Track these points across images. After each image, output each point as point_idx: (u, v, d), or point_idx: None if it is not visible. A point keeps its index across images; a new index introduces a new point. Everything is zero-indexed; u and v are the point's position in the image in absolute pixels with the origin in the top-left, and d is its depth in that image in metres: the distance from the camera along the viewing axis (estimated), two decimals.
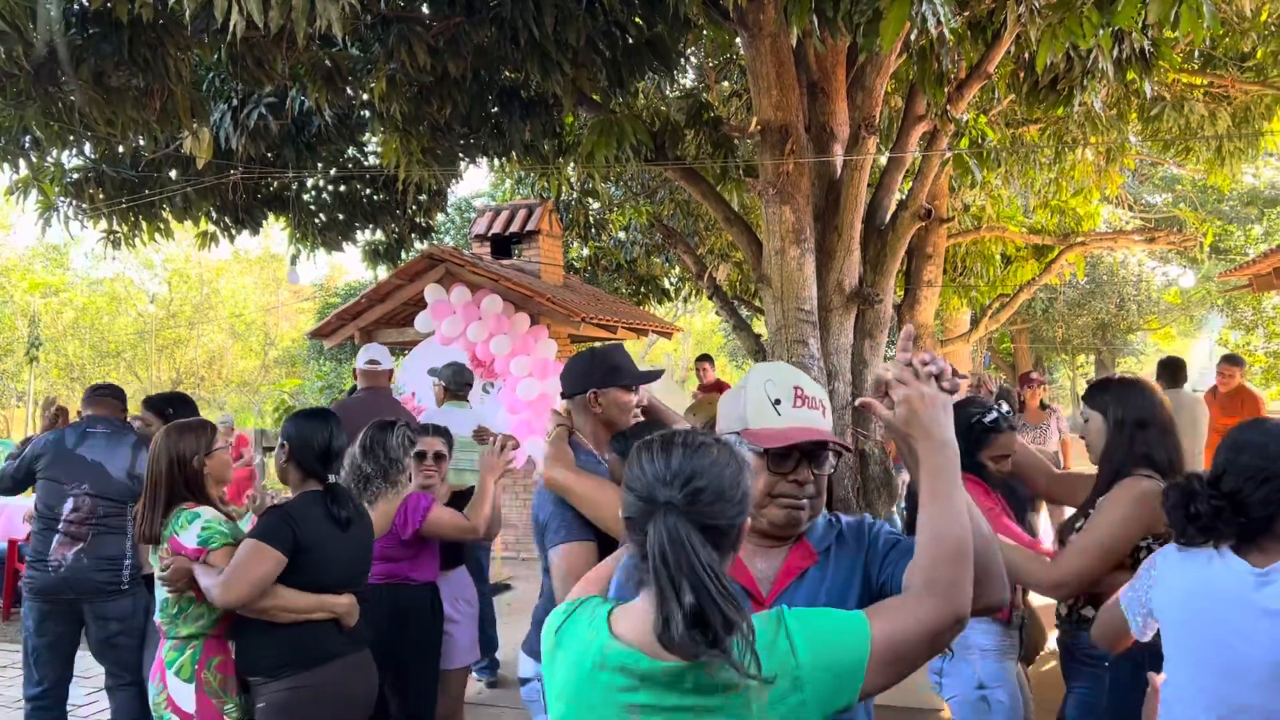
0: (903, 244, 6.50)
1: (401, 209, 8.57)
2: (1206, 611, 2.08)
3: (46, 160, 6.80)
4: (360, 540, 3.24)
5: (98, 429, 4.57)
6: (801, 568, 1.81)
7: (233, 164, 7.01)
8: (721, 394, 2.24)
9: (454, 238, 19.02)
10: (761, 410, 1.83)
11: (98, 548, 4.37)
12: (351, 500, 3.25)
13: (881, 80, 6.29)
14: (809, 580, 1.80)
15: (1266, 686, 1.99)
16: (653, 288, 13.98)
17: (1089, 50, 5.10)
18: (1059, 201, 10.98)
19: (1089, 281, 22.26)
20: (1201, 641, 2.09)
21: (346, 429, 3.59)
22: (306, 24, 3.62)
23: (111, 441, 4.52)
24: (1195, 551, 2.16)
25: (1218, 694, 2.05)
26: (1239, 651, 2.02)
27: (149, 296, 28.95)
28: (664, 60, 6.27)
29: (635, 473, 1.53)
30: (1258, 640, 2.00)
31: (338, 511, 3.11)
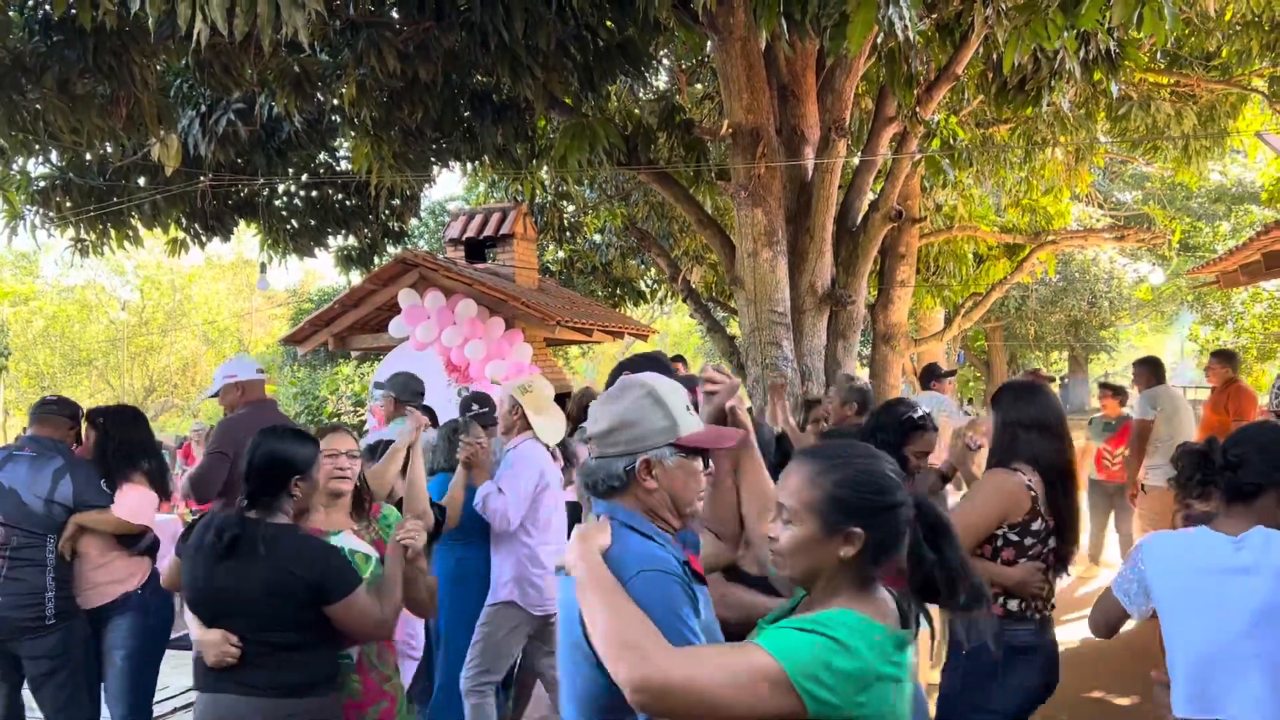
0: (874, 245, 6.54)
1: (374, 214, 8.53)
2: (1194, 579, 2.35)
3: (12, 169, 6.72)
4: (246, 574, 2.72)
5: (25, 451, 4.17)
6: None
7: (202, 171, 6.96)
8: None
9: (428, 242, 18.94)
10: (685, 419, 1.94)
11: (13, 583, 3.96)
12: (255, 529, 2.76)
13: (851, 83, 6.32)
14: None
15: (1248, 634, 2.25)
16: (628, 290, 13.99)
17: (1056, 51, 5.15)
18: (1030, 200, 11.08)
19: (1061, 279, 22.46)
20: (1193, 604, 2.34)
21: (239, 450, 3.51)
22: (272, 31, 3.59)
23: (35, 466, 4.08)
24: (1175, 534, 2.45)
25: (1205, 647, 2.32)
26: (1224, 607, 2.29)
27: (120, 304, 28.68)
28: (635, 63, 6.28)
29: (881, 474, 1.74)
30: (1237, 594, 2.27)
31: (211, 537, 2.77)
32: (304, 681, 2.81)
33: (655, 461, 1.89)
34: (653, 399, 1.92)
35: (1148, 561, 2.44)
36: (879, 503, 1.71)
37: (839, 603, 1.70)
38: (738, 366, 6.44)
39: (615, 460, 1.90)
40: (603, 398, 1.99)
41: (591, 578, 1.75)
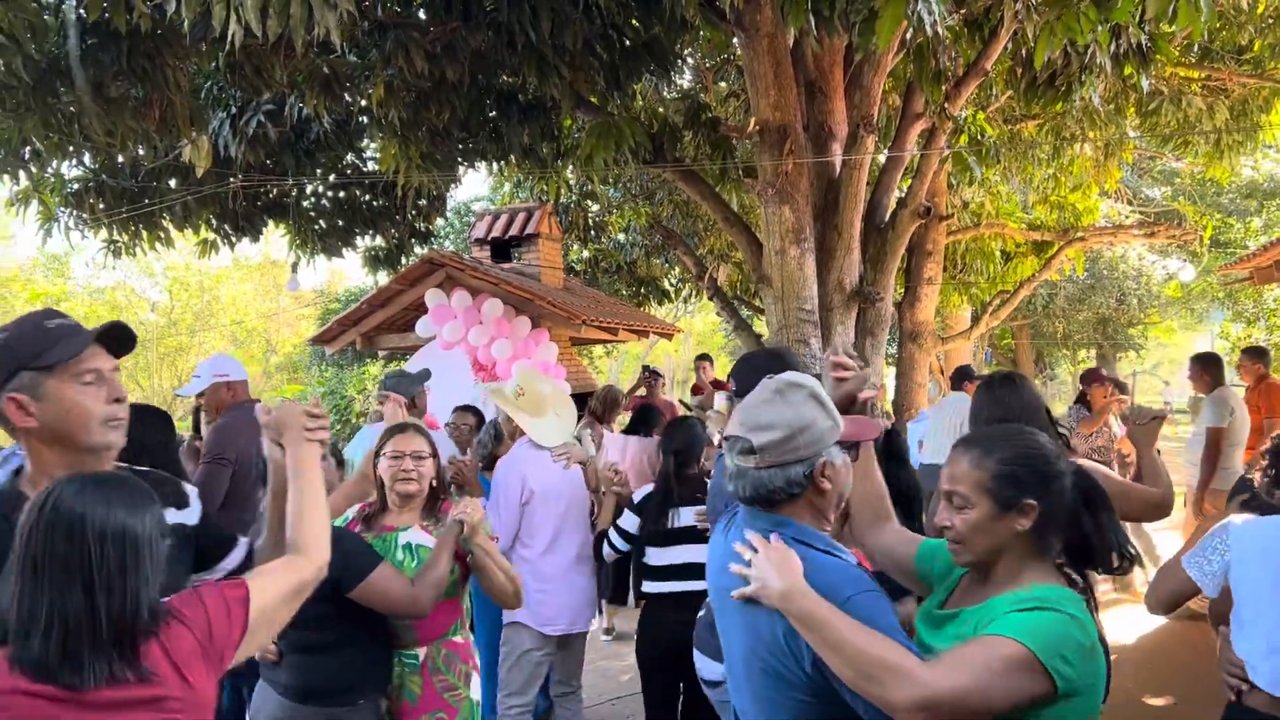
0: (902, 242, 6.51)
1: (401, 214, 8.58)
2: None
3: (47, 171, 6.81)
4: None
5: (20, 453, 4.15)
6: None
7: (232, 172, 7.02)
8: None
9: (454, 242, 19.02)
10: (838, 415, 1.96)
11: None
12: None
13: (879, 79, 6.30)
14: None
15: None
16: (653, 289, 13.99)
17: (1086, 46, 5.10)
18: (1058, 197, 10.98)
19: (1089, 276, 22.23)
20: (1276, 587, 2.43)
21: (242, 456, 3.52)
22: (304, 32, 3.62)
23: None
24: (1267, 521, 2.52)
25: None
26: None
27: (150, 304, 28.97)
28: (661, 62, 6.28)
29: (1040, 446, 1.85)
30: None
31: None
32: (338, 688, 2.75)
33: (828, 463, 1.89)
34: (816, 400, 1.91)
35: (1235, 544, 2.51)
36: (1045, 472, 1.81)
37: (1032, 578, 1.79)
38: None
39: (794, 467, 1.86)
40: (756, 405, 1.92)
41: (817, 610, 1.73)
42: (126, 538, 1.59)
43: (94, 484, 1.62)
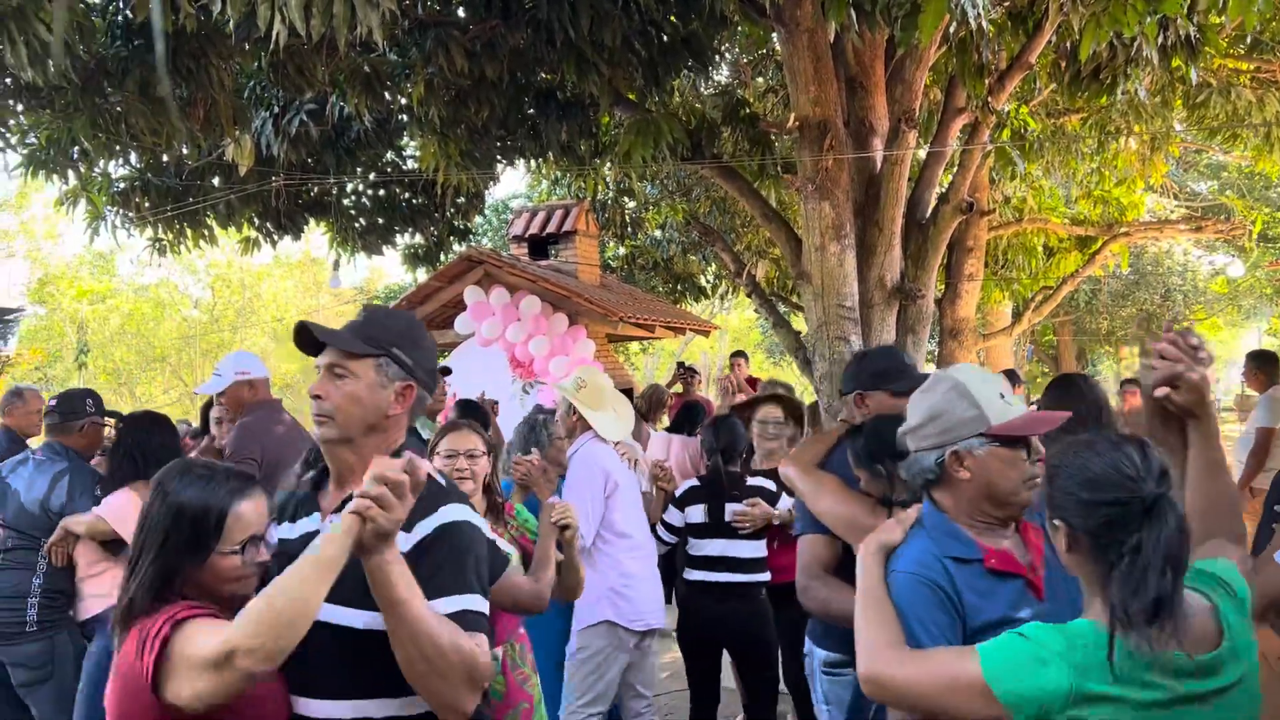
0: (944, 238, 6.43)
1: (440, 212, 8.63)
2: None
3: (94, 171, 6.92)
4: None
5: (37, 455, 4.19)
6: (1040, 545, 2.00)
7: (274, 170, 7.10)
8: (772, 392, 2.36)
9: (491, 239, 19.11)
10: (997, 407, 1.97)
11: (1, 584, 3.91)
12: None
13: (921, 73, 6.23)
14: (1048, 555, 1.96)
15: None
16: (689, 285, 13.96)
17: (1133, 38, 5.01)
18: (1102, 191, 10.82)
19: (1133, 272, 21.89)
20: None
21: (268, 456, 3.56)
22: (347, 31, 3.65)
23: (40, 469, 4.08)
24: None
25: None
26: None
27: (193, 301, 29.42)
28: (700, 58, 6.26)
29: (1103, 472, 1.61)
30: None
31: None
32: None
33: (965, 452, 1.93)
34: (958, 391, 1.97)
35: None
36: (1081, 498, 1.65)
37: (1090, 614, 1.67)
38: (804, 362, 6.39)
39: (927, 454, 1.97)
40: (917, 392, 2.06)
41: (862, 572, 1.91)
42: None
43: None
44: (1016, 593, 1.94)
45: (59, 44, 4.32)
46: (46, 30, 4.26)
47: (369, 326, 2.00)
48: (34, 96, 5.54)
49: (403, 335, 2.01)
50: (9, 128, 5.56)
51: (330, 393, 1.91)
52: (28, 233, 27.44)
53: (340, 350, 1.95)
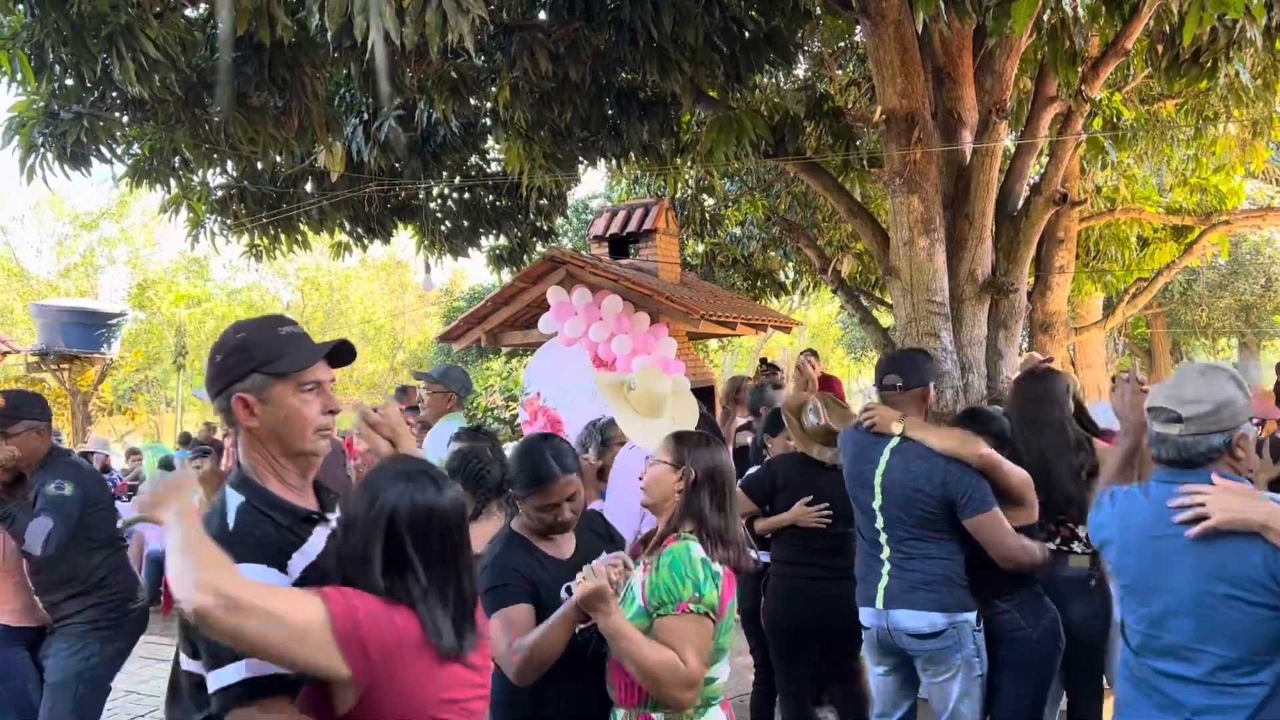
0: (1037, 230, 6.29)
1: (523, 213, 8.74)
2: None
3: (194, 180, 7.17)
4: None
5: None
6: None
7: (364, 176, 7.27)
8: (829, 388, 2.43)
9: (572, 240, 19.27)
10: (1248, 393, 2.31)
11: None
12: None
13: (1012, 63, 6.09)
14: None
15: None
16: (769, 282, 13.87)
17: (1235, 20, 4.83)
18: (1199, 179, 10.44)
19: (1231, 261, 21.09)
20: None
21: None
22: (439, 38, 3.72)
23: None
24: None
25: None
26: None
27: (283, 304, 30.24)
28: (782, 53, 6.22)
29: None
30: None
31: None
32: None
33: (1244, 434, 2.25)
34: (1235, 382, 2.28)
35: None
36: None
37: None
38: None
39: (1215, 436, 2.24)
40: (1180, 384, 2.31)
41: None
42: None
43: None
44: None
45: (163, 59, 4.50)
46: (153, 46, 4.44)
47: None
48: (138, 109, 5.77)
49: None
50: (115, 139, 5.80)
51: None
52: (128, 240, 28.56)
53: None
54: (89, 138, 5.34)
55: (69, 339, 16.15)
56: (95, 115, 5.33)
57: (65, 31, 4.58)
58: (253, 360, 1.90)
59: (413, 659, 1.77)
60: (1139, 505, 2.37)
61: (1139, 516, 2.35)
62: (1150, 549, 2.29)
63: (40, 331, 16.50)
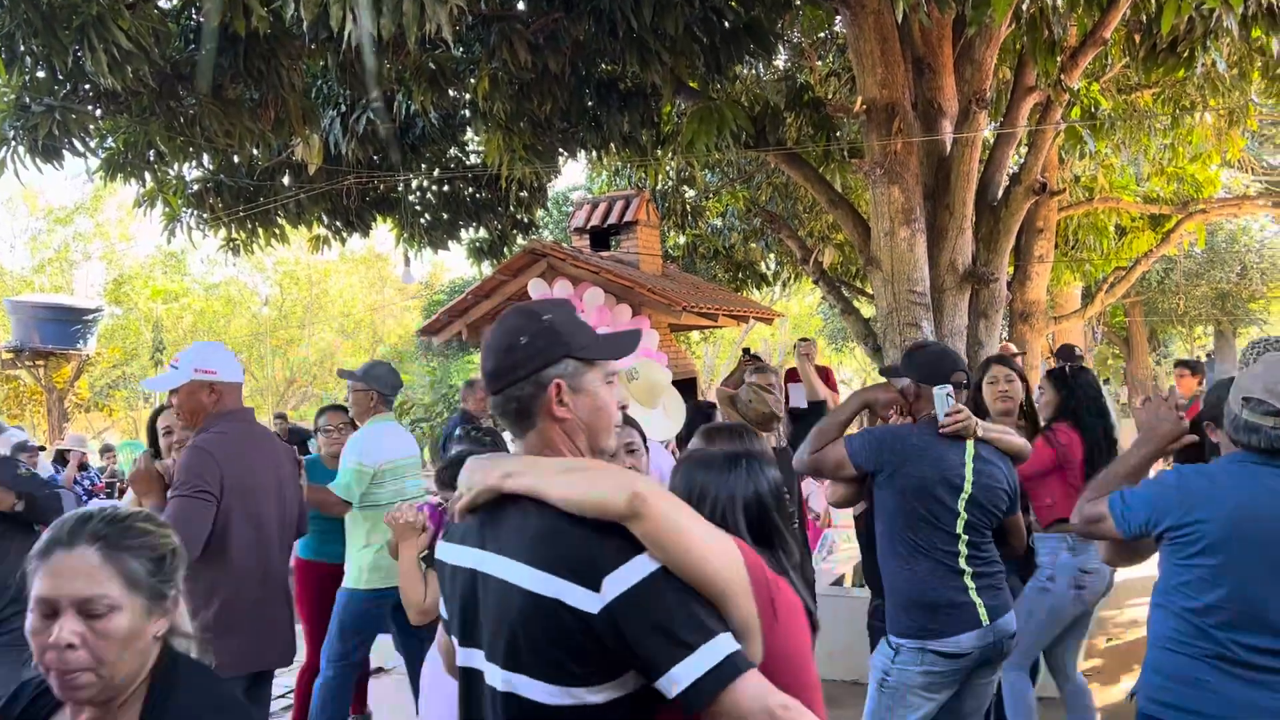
0: (1016, 220, 6.31)
1: (503, 206, 8.69)
2: None
3: (169, 173, 7.09)
4: None
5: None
6: None
7: (342, 168, 7.21)
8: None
9: (552, 232, 19.20)
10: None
11: None
12: None
13: (991, 53, 6.10)
14: None
15: None
16: (750, 273, 13.87)
17: (1212, 9, 4.85)
18: (1175, 168, 10.50)
19: (1207, 250, 21.26)
20: None
21: (232, 484, 3.13)
22: (417, 29, 3.68)
23: None
24: None
25: None
26: None
27: (262, 299, 30.04)
28: (762, 43, 6.20)
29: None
30: None
31: None
32: None
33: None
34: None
35: None
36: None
37: None
38: (874, 349, 6.32)
39: (1267, 418, 2.40)
40: (1254, 372, 2.46)
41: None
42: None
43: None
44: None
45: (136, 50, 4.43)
46: (125, 37, 4.37)
47: None
48: (112, 102, 5.69)
49: None
50: (88, 132, 5.71)
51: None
52: (103, 235, 28.29)
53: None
54: (61, 131, 5.25)
55: (44, 335, 15.99)
56: (67, 108, 5.25)
57: (36, 23, 4.50)
58: (565, 344, 1.67)
59: (799, 629, 1.68)
60: (1252, 488, 2.46)
61: (1257, 500, 2.44)
62: (1260, 530, 2.39)
63: (15, 328, 16.33)
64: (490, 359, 1.71)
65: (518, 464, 1.63)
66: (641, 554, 1.45)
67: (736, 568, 1.50)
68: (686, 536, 1.46)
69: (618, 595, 1.44)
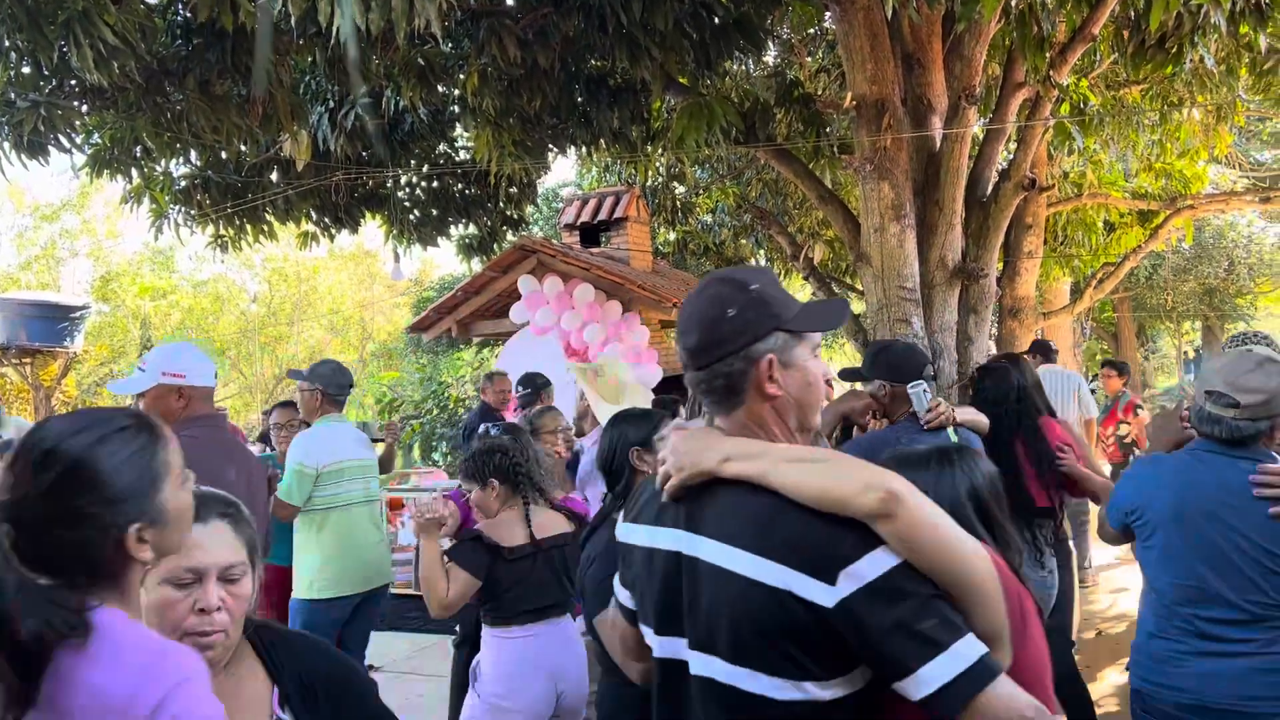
0: (1006, 216, 6.32)
1: (493, 202, 8.67)
2: None
3: (156, 169, 7.05)
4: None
5: None
6: None
7: (330, 165, 7.17)
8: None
9: (542, 228, 19.17)
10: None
11: None
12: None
13: (981, 48, 6.10)
14: None
15: None
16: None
17: (1200, 5, 4.86)
18: (1163, 164, 10.53)
19: (1195, 246, 21.35)
20: None
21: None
22: (406, 24, 3.66)
23: None
24: None
25: None
26: None
27: (250, 296, 29.92)
28: (751, 39, 6.19)
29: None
30: None
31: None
32: None
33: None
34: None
35: None
36: None
37: None
38: (864, 345, 6.32)
39: (1264, 421, 2.52)
40: (1240, 372, 2.53)
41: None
42: None
43: None
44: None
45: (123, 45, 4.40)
46: (111, 33, 4.34)
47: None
48: (98, 98, 5.65)
49: None
50: (74, 128, 5.67)
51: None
52: (90, 231, 28.12)
53: None
54: (47, 126, 5.22)
55: (31, 333, 15.87)
56: (53, 103, 5.21)
57: (21, 18, 4.47)
58: (776, 316, 1.56)
59: (1042, 638, 1.60)
60: (1197, 474, 2.62)
61: (1199, 484, 2.59)
62: (1195, 511, 2.56)
63: (1, 325, 16.21)
64: (694, 332, 1.59)
65: (737, 447, 1.52)
66: (880, 547, 1.37)
67: (990, 571, 1.42)
68: (942, 537, 1.38)
69: (856, 590, 1.36)
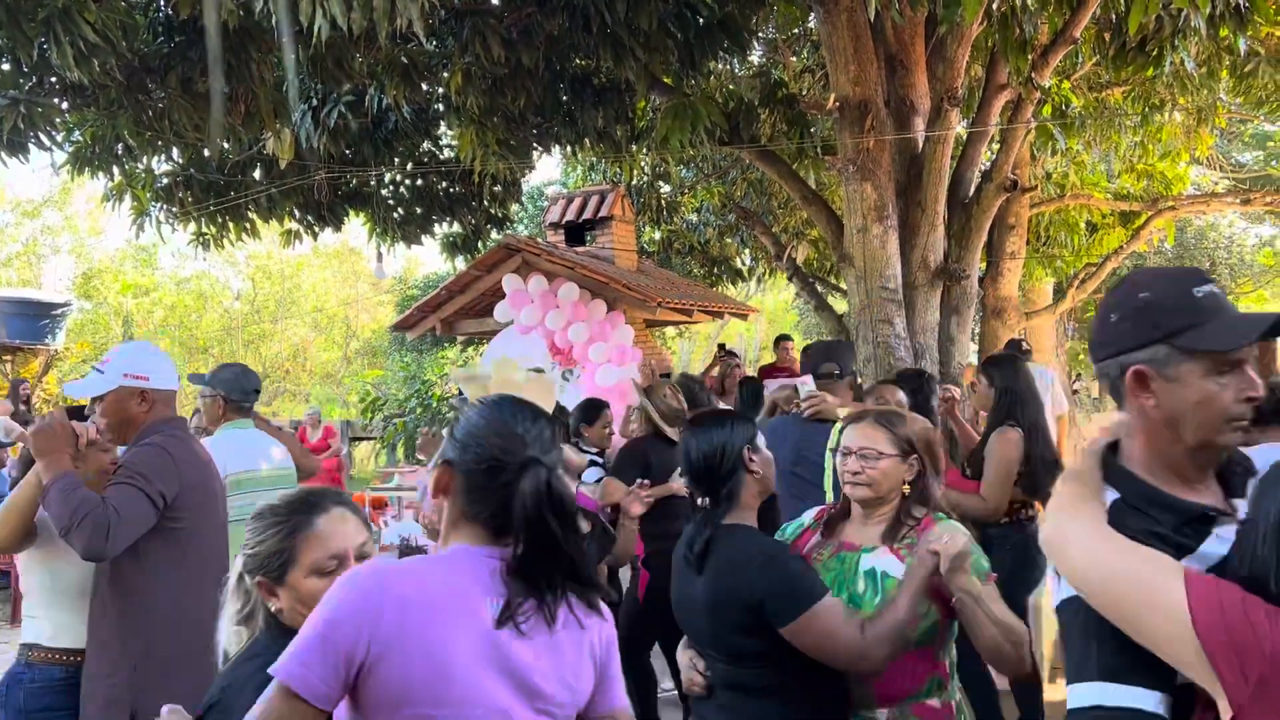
0: (988, 217, 6.36)
1: (477, 200, 8.66)
2: None
3: (138, 167, 7.01)
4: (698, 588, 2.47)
5: None
6: None
7: (314, 163, 7.15)
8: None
9: (527, 227, 19.15)
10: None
11: None
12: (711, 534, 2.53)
13: (963, 51, 6.14)
14: None
15: None
16: (725, 269, 13.90)
17: (1180, 8, 4.90)
18: (1145, 165, 10.61)
19: (1177, 246, 21.50)
20: None
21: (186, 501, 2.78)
22: (388, 23, 3.66)
23: None
24: None
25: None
26: None
27: (234, 293, 29.78)
28: (736, 39, 6.21)
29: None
30: None
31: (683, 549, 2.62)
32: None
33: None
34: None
35: None
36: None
37: None
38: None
39: None
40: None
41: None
42: None
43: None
44: None
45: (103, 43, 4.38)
46: (92, 30, 4.32)
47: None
48: (78, 95, 5.62)
49: None
50: (55, 126, 5.64)
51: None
52: (72, 228, 27.93)
53: None
54: (27, 124, 5.19)
55: (12, 330, 15.75)
56: (33, 101, 5.18)
57: (0, 16, 4.44)
58: (1158, 328, 1.49)
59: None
60: None
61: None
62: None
63: None
64: (1094, 327, 1.64)
65: (1068, 495, 1.53)
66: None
67: (1150, 602, 1.35)
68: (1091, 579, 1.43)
69: None
